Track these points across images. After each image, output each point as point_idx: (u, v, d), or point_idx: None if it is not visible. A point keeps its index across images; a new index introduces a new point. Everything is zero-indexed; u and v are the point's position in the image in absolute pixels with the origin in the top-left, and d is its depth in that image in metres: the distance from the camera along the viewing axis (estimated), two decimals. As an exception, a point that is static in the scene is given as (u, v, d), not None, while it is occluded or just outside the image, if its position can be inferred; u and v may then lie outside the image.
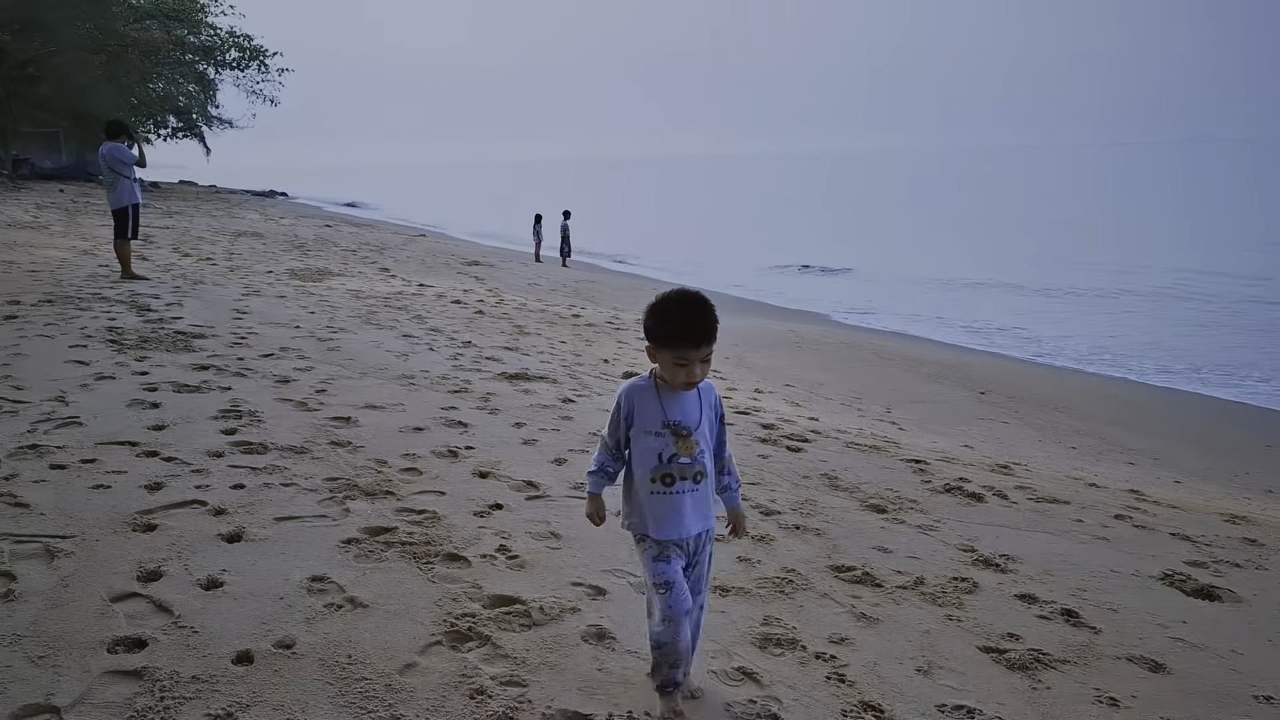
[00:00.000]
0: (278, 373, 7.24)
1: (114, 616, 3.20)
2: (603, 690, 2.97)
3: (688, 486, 2.71)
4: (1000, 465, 6.51)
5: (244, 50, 53.52)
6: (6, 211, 22.09)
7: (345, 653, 3.06)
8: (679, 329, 2.61)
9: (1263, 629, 3.98)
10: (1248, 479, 7.50)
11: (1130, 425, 9.14)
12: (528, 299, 14.31)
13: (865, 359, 11.42)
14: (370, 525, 4.21)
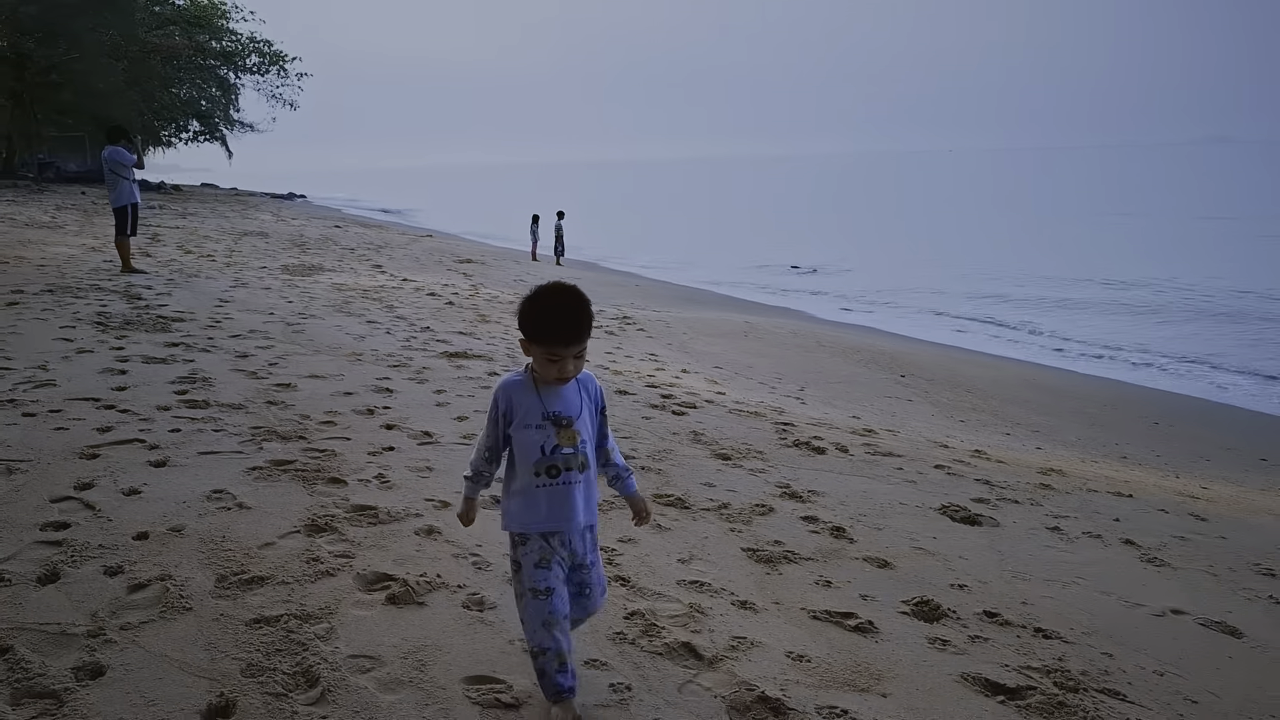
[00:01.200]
0: (239, 349, 8.26)
1: (49, 509, 4.20)
2: (413, 563, 3.92)
3: (574, 477, 2.70)
4: (866, 430, 7.42)
5: (264, 55, 55.00)
6: (26, 212, 23.41)
7: (221, 535, 4.04)
8: (551, 326, 2.57)
9: (995, 544, 4.89)
10: (1114, 448, 8.35)
11: (1031, 405, 9.99)
12: (504, 293, 15.30)
13: (805, 346, 12.32)
14: (276, 459, 5.20)
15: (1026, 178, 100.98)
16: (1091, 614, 4.09)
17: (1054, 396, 10.67)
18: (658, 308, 15.60)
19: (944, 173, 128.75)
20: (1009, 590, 4.26)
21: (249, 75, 55.64)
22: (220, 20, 53.41)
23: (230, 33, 54.01)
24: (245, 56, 54.84)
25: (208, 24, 52.16)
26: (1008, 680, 3.39)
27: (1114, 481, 6.57)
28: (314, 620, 3.33)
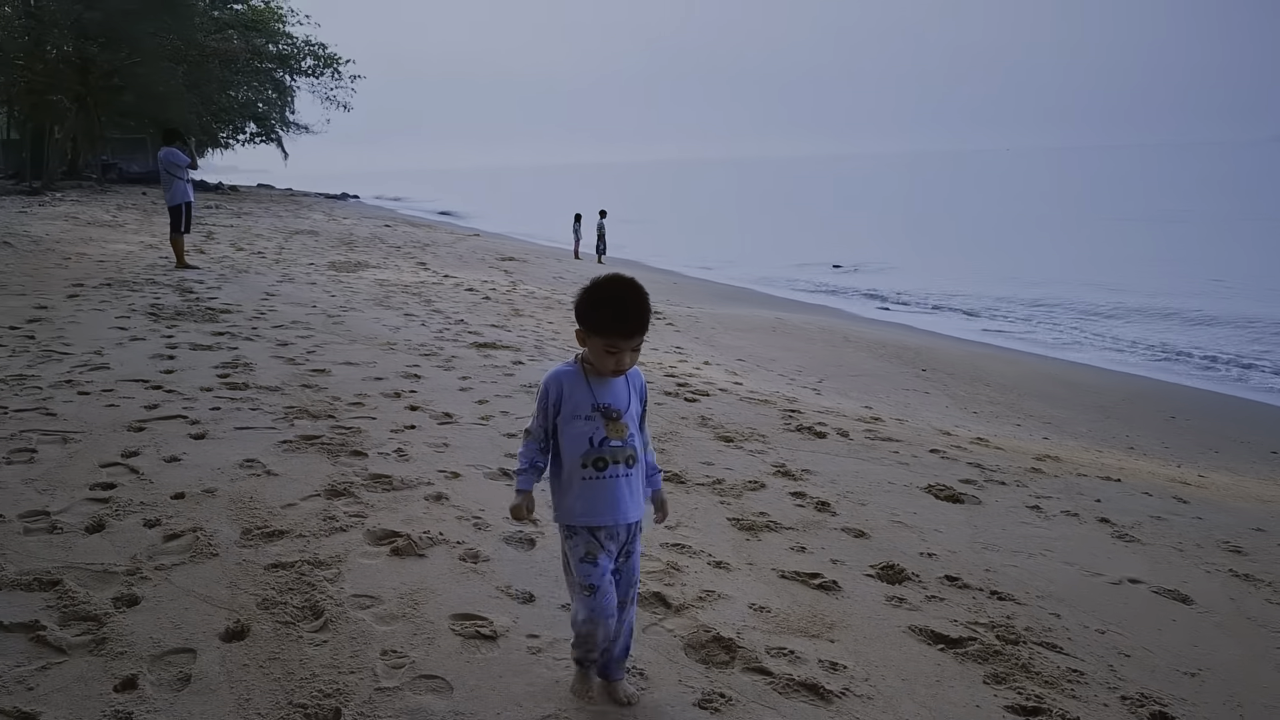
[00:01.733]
0: (280, 338, 8.79)
1: (98, 473, 4.70)
2: (419, 523, 4.34)
3: (621, 470, 2.71)
4: (873, 418, 7.72)
5: (318, 58, 56.22)
6: (89, 211, 24.39)
7: (249, 496, 4.50)
8: (613, 317, 2.59)
9: (973, 519, 5.20)
10: (1123, 440, 8.55)
11: (1048, 399, 10.20)
12: (541, 289, 15.76)
13: (830, 342, 12.60)
14: (305, 434, 5.66)
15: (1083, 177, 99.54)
16: (1050, 581, 4.39)
17: (1073, 391, 10.85)
18: (691, 304, 15.96)
19: (1000, 172, 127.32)
20: (975, 559, 4.58)
21: (304, 78, 56.96)
22: (277, 24, 54.79)
23: (286, 36, 55.37)
24: (300, 59, 56.14)
25: (264, 28, 53.52)
26: (952, 632, 3.72)
27: (1108, 468, 6.81)
28: (325, 567, 3.76)
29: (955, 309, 18.86)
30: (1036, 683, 3.38)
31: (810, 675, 3.24)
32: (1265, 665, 3.76)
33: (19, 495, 4.33)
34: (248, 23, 52.70)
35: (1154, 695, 3.37)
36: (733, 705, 2.94)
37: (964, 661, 3.50)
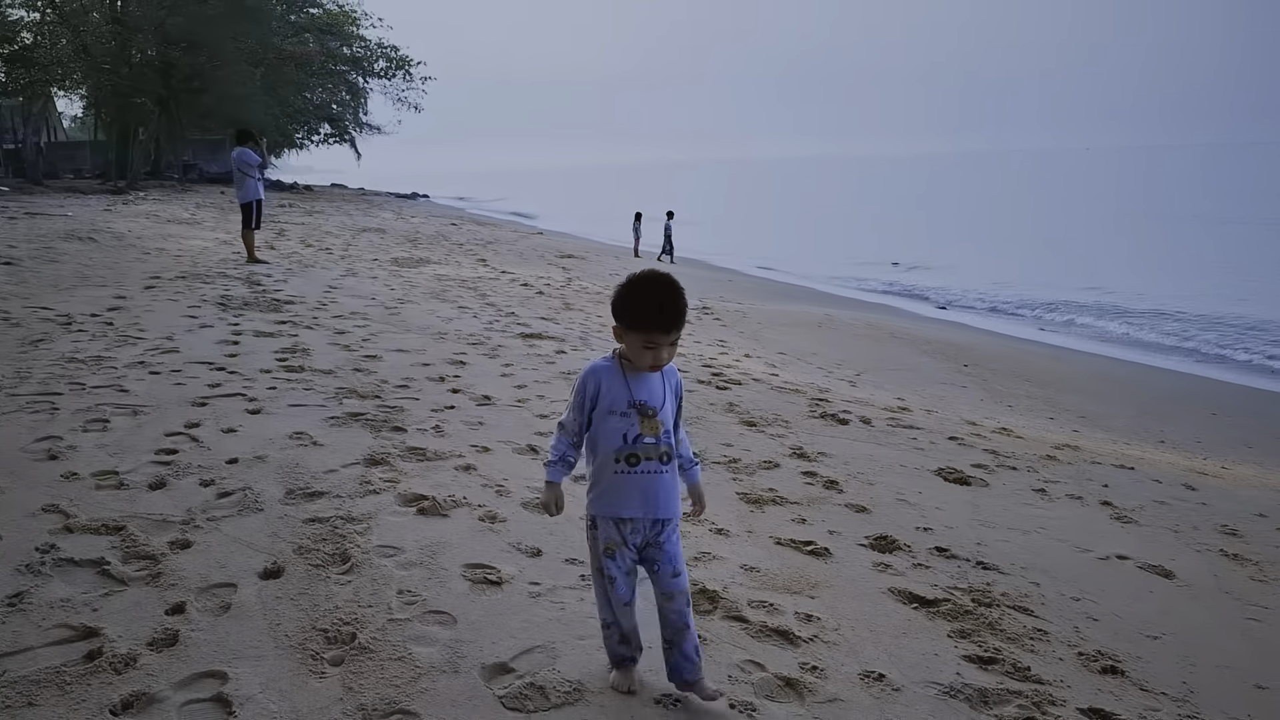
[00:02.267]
0: (339, 328, 9.32)
1: (163, 440, 5.21)
2: (446, 489, 4.75)
3: (654, 467, 2.75)
4: (901, 408, 7.98)
5: (391, 60, 57.56)
6: (169, 210, 25.50)
7: (295, 463, 4.97)
8: (650, 313, 2.64)
9: (976, 500, 5.46)
10: (1156, 434, 8.66)
11: (1089, 394, 10.30)
12: (594, 285, 16.19)
13: (876, 338, 12.81)
14: (352, 412, 6.13)
15: (1164, 176, 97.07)
16: (1038, 555, 4.65)
17: (1117, 387, 10.93)
18: (743, 300, 16.24)
19: (1079, 171, 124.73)
20: (969, 534, 4.85)
21: (376, 79, 58.40)
22: (351, 27, 56.25)
23: (359, 39, 56.82)
24: (373, 61, 57.59)
25: (339, 31, 55.00)
26: (929, 594, 4.01)
27: (1126, 457, 6.98)
28: (356, 522, 4.19)
29: (1014, 309, 18.82)
30: (999, 639, 3.66)
31: (784, 624, 3.57)
32: (1229, 632, 3.99)
33: (92, 457, 4.85)
34: (323, 26, 54.22)
35: (1110, 653, 3.63)
36: (706, 644, 3.28)
37: (934, 619, 3.80)
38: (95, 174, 44.44)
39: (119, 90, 37.25)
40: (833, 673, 3.24)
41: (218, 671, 2.90)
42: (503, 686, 2.92)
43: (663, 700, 2.92)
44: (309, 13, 54.36)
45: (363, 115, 61.45)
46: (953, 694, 3.17)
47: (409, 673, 2.95)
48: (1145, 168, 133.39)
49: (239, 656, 2.99)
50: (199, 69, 38.52)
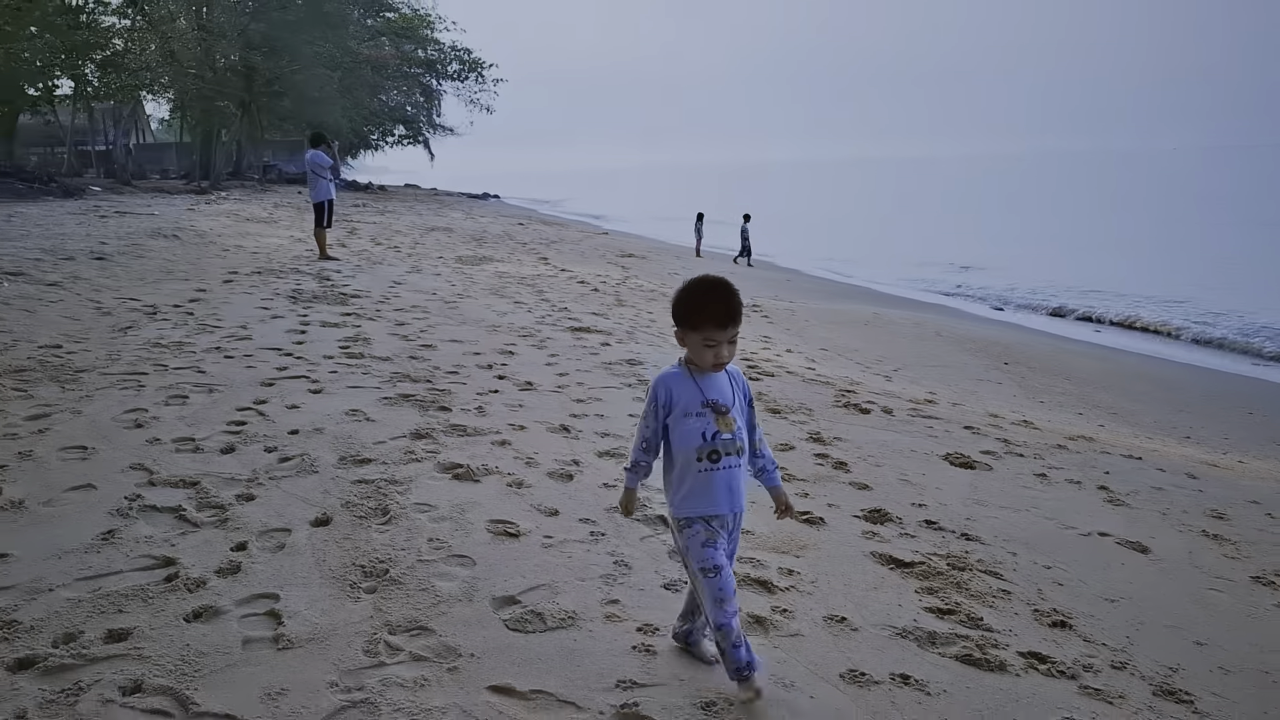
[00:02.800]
0: (399, 320, 9.98)
1: (234, 414, 5.87)
2: (481, 460, 5.31)
3: (733, 461, 2.91)
4: (927, 400, 8.35)
5: (464, 63, 58.84)
6: (249, 209, 26.68)
7: (349, 435, 5.58)
8: (707, 312, 2.80)
9: (976, 482, 5.85)
10: (1184, 430, 8.89)
11: (1125, 393, 10.52)
12: (649, 283, 16.72)
13: (921, 336, 13.11)
14: (403, 393, 6.74)
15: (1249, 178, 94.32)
16: (1022, 530, 5.04)
17: (1156, 386, 11.11)
18: (795, 299, 16.63)
19: (1164, 172, 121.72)
20: (961, 510, 5.26)
21: (450, 82, 59.78)
22: (425, 30, 57.67)
23: (434, 42, 58.23)
24: (447, 64, 58.97)
25: (414, 34, 56.43)
26: (908, 558, 4.45)
27: (1138, 449, 7.28)
28: (398, 484, 4.77)
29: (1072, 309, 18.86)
30: (962, 595, 4.09)
31: (765, 575, 4.05)
32: (1187, 600, 4.35)
33: (173, 426, 5.52)
34: (398, 30, 55.67)
35: (1064, 611, 4.04)
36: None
37: (907, 578, 4.24)
38: (180, 175, 46.33)
39: (204, 94, 38.90)
40: (800, 615, 3.71)
41: (271, 593, 3.49)
42: (508, 613, 3.46)
43: (644, 628, 3.43)
44: (385, 17, 55.85)
45: (436, 117, 62.96)
46: (904, 635, 3.62)
47: (430, 600, 3.51)
48: (1234, 168, 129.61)
49: (289, 583, 3.57)
50: (279, 73, 40.05)
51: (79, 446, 5.11)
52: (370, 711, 2.76)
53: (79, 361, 7.17)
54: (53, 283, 10.67)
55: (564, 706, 2.88)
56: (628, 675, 3.09)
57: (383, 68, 52.35)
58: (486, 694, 2.91)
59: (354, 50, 47.50)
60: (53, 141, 49.24)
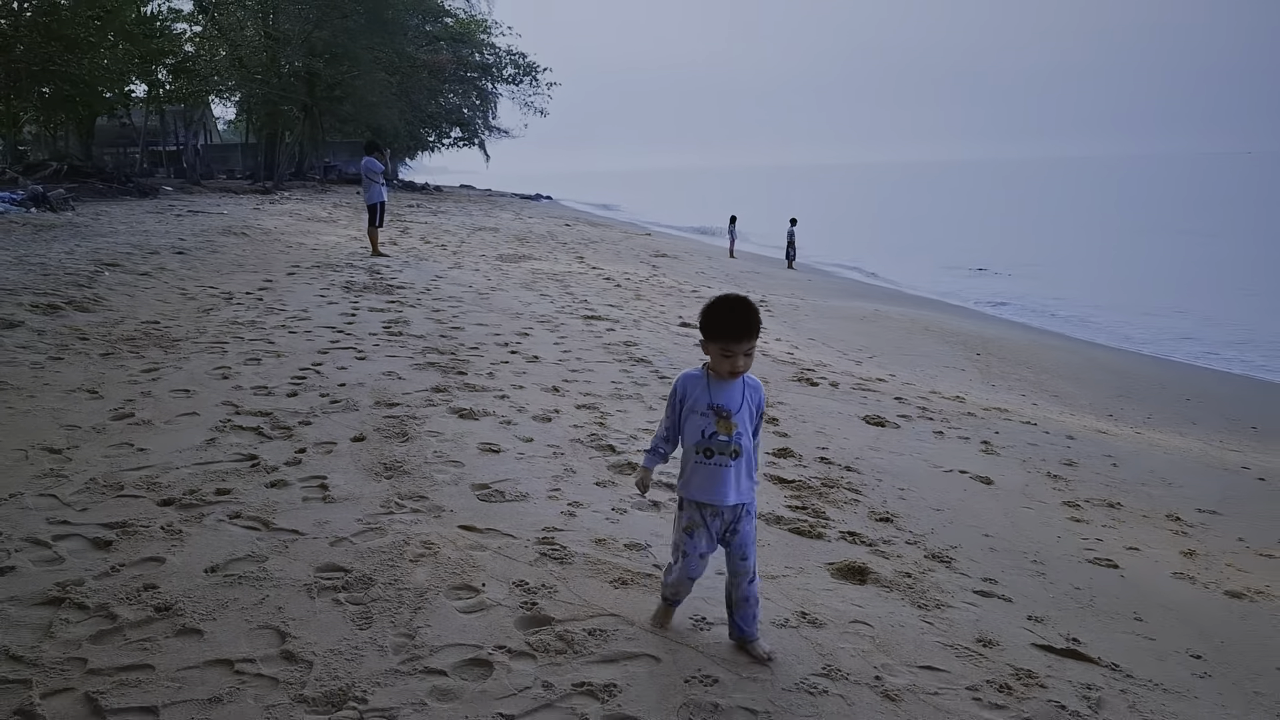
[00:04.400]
0: (436, 307, 11.74)
1: (296, 372, 7.64)
2: (483, 408, 6.99)
3: (725, 461, 3.27)
4: (878, 380, 9.89)
5: (518, 67, 60.95)
6: (309, 209, 28.82)
7: (383, 388, 7.32)
8: (727, 326, 3.18)
9: (879, 436, 7.41)
10: (1111, 411, 10.31)
11: (1075, 380, 11.93)
12: (670, 279, 18.35)
13: (909, 330, 14.57)
14: (430, 361, 8.47)
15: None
16: (897, 466, 6.60)
17: (1108, 375, 12.49)
18: (806, 297, 18.16)
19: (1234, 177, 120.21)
20: (854, 452, 6.83)
21: (505, 85, 62.01)
22: (482, 35, 59.94)
23: (490, 46, 60.49)
24: (502, 68, 61.19)
25: (470, 39, 58.70)
26: (791, 478, 6.04)
27: (1045, 420, 8.77)
28: (416, 420, 6.48)
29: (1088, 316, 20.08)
30: (820, 500, 5.67)
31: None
32: (998, 513, 5.88)
33: (251, 379, 7.31)
34: (455, 35, 57.98)
35: (893, 512, 5.60)
36: (605, 487, 5.42)
37: (783, 489, 5.83)
38: (245, 175, 48.97)
39: (269, 99, 41.35)
40: (689, 504, 5.33)
41: (321, 476, 5.20)
42: (480, 492, 5.14)
43: (573, 504, 5.08)
44: (443, 22, 58.19)
45: (491, 119, 65.23)
46: (758, 518, 5.22)
47: (429, 483, 5.20)
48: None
49: (333, 471, 5.30)
50: (340, 78, 42.41)
51: (183, 390, 6.92)
52: (380, 534, 4.44)
53: (175, 333, 9.03)
54: (144, 272, 12.62)
55: (506, 536, 4.54)
56: (553, 525, 4.74)
57: (439, 72, 54.60)
58: (457, 530, 4.58)
59: (412, 56, 49.79)
60: (125, 142, 52.31)
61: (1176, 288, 24.03)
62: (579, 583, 4.05)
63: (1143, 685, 3.74)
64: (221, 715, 2.96)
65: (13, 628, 3.43)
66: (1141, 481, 6.96)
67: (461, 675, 3.27)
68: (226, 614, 3.60)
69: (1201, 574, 5.19)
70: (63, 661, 3.22)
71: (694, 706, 3.14)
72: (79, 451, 5.45)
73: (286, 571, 3.98)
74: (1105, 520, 5.97)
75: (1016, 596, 4.53)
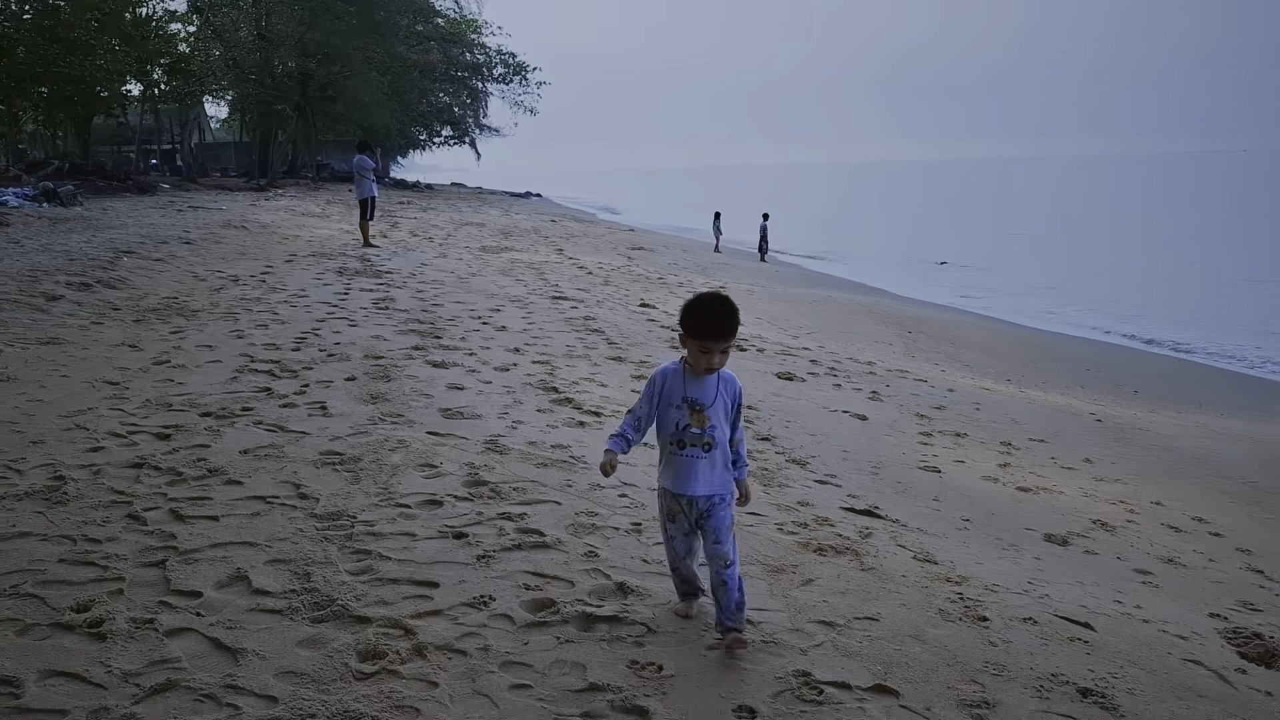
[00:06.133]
0: (420, 289, 13.31)
1: (298, 334, 9.21)
2: (452, 359, 8.57)
3: (697, 453, 3.42)
4: (804, 349, 11.48)
5: (508, 66, 62.49)
6: (304, 205, 30.36)
7: (373, 347, 8.89)
8: (706, 324, 3.35)
9: (784, 387, 8.98)
10: (1010, 376, 11.91)
11: (993, 354, 13.53)
12: (647, 270, 19.93)
13: (852, 312, 16.17)
14: (412, 329, 10.03)
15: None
16: (791, 406, 8.18)
17: (1024, 349, 14.10)
18: (766, 284, 19.76)
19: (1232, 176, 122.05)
20: (758, 397, 8.40)
21: (495, 84, 63.56)
22: (473, 35, 61.46)
23: (481, 46, 62.03)
24: (492, 68, 62.74)
25: (461, 39, 60.23)
26: (698, 412, 7.61)
27: (937, 379, 10.38)
28: (398, 367, 8.05)
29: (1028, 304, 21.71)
30: (717, 426, 7.24)
31: (594, 404, 7.25)
32: (862, 438, 7.46)
33: (261, 339, 8.90)
34: (446, 35, 59.50)
35: (774, 435, 7.18)
36: (548, 414, 7.00)
37: (690, 419, 7.41)
38: (239, 172, 50.52)
39: (263, 98, 42.91)
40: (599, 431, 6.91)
41: (322, 402, 6.78)
42: (445, 414, 6.71)
43: (515, 422, 6.67)
44: (434, 23, 59.70)
45: (482, 118, 66.77)
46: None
47: (405, 407, 6.77)
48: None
49: (331, 399, 6.87)
50: (332, 79, 43.95)
51: (206, 345, 8.50)
52: (366, 435, 6.00)
53: (192, 306, 10.62)
54: (157, 259, 14.19)
55: (461, 439, 6.11)
56: (498, 434, 6.31)
57: (430, 72, 56.13)
58: (425, 434, 6.16)
59: (403, 56, 51.31)
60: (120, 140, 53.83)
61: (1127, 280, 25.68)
62: (511, 464, 5.64)
63: (911, 531, 5.32)
64: (261, 524, 4.52)
65: (111, 479, 5.02)
66: (994, 421, 8.57)
67: (421, 508, 4.84)
68: (258, 474, 5.18)
69: (1005, 478, 6.79)
70: (150, 494, 4.81)
71: (578, 527, 4.72)
72: (132, 384, 7.04)
73: (299, 454, 5.56)
74: (948, 445, 7.56)
75: (846, 484, 6.11)
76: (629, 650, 3.50)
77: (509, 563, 4.21)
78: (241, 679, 3.17)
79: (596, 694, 3.20)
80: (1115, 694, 3.51)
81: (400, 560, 4.16)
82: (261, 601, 3.73)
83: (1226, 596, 4.97)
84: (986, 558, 5.03)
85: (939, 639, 3.79)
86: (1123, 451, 7.98)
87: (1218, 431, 9.23)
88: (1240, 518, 6.49)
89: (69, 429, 5.86)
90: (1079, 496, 6.51)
